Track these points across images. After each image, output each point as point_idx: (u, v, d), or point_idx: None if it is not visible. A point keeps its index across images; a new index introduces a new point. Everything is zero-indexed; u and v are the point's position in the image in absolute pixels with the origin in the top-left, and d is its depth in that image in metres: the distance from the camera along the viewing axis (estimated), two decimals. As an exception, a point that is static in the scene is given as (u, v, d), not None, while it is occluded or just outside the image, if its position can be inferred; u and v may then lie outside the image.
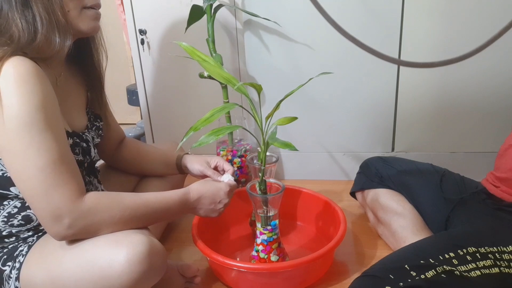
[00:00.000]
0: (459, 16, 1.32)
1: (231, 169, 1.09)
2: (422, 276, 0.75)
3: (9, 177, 0.78)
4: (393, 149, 1.54)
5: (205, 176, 1.09)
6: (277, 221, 1.02)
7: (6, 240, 0.86)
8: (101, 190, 1.01)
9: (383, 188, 1.19)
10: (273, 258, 1.02)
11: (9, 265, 0.83)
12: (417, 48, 1.38)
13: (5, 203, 0.83)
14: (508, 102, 1.39)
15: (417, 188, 1.13)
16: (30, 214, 0.85)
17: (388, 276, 0.76)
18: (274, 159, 1.13)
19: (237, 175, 1.46)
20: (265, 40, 1.45)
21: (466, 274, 0.77)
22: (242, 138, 1.55)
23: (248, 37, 1.46)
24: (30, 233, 0.87)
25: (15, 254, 0.84)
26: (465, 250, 0.81)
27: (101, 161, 1.15)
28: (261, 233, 1.02)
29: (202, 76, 1.38)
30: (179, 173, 1.17)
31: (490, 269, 0.79)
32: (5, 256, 0.84)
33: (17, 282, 0.81)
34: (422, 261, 0.78)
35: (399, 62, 1.38)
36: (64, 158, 0.77)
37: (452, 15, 1.33)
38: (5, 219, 0.84)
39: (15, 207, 0.84)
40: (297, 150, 0.88)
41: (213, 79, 1.25)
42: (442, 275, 0.76)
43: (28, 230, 0.86)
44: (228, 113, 1.45)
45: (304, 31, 1.42)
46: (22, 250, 0.84)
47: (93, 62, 0.99)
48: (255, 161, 1.11)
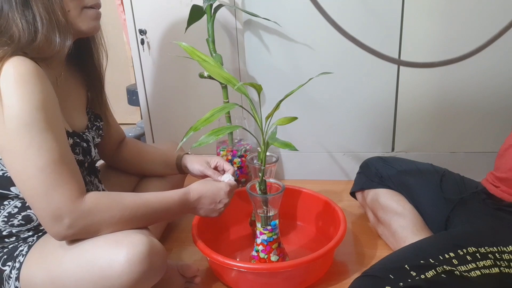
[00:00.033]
0: (459, 16, 1.32)
1: (231, 169, 1.09)
2: (422, 276, 0.75)
3: (9, 177, 0.78)
4: (393, 149, 1.54)
5: (205, 176, 1.09)
6: (277, 221, 1.02)
7: (6, 240, 0.86)
8: (102, 190, 1.01)
9: (383, 188, 1.19)
10: (273, 258, 1.02)
11: (9, 265, 0.83)
12: (417, 48, 1.38)
13: (5, 203, 0.83)
14: (508, 102, 1.39)
15: (417, 188, 1.13)
16: (31, 214, 0.85)
17: (388, 276, 0.76)
18: (274, 159, 1.13)
19: (237, 175, 1.46)
20: (265, 40, 1.45)
21: (466, 274, 0.77)
22: (242, 138, 1.55)
23: (248, 37, 1.46)
24: (30, 233, 0.87)
25: (15, 254, 0.84)
26: (465, 250, 0.81)
27: (101, 161, 1.15)
28: (261, 233, 1.02)
29: (202, 76, 1.38)
30: (179, 173, 1.17)
31: (490, 269, 0.79)
32: (5, 256, 0.84)
33: (17, 282, 0.81)
34: (422, 261, 0.78)
35: (399, 62, 1.38)
36: (64, 158, 0.77)
37: (452, 15, 1.33)
38: (6, 219, 0.84)
39: (15, 207, 0.84)
40: (297, 150, 0.88)
41: (213, 79, 1.25)
42: (442, 275, 0.76)
43: (28, 230, 0.87)
44: (228, 113, 1.45)
45: (304, 31, 1.42)
46: (22, 250, 0.84)
47: (93, 62, 0.99)
48: (255, 161, 1.11)
